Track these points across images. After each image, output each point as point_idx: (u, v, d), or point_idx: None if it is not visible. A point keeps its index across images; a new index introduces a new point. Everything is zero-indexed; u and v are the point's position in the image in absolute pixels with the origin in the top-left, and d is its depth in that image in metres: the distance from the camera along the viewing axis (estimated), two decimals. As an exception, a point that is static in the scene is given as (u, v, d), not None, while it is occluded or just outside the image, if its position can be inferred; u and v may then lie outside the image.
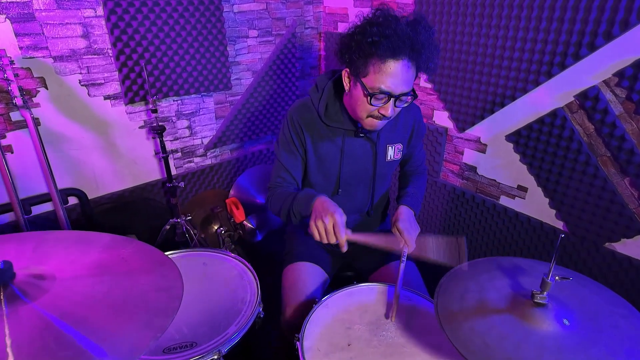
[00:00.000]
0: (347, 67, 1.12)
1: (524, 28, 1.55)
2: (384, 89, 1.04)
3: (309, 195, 1.17)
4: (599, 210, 1.55)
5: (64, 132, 1.78)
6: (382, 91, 1.04)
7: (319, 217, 1.06)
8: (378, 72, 1.03)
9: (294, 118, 1.25)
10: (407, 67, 1.03)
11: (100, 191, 1.97)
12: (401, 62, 1.01)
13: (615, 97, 1.41)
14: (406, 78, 1.04)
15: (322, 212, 1.07)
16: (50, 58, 1.64)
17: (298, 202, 1.19)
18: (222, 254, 1.35)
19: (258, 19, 2.20)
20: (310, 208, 1.13)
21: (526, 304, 0.79)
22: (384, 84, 1.03)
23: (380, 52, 1.00)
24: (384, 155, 1.32)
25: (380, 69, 1.03)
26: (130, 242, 0.90)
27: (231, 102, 2.27)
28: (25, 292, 0.65)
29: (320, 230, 1.05)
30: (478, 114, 1.83)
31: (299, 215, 1.19)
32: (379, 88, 1.04)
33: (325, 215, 1.05)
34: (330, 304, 1.11)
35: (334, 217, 1.05)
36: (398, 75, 1.02)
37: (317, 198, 1.13)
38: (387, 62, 1.01)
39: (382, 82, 1.03)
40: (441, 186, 2.12)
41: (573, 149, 1.55)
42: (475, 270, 0.93)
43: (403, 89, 1.05)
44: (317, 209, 1.10)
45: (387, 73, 1.02)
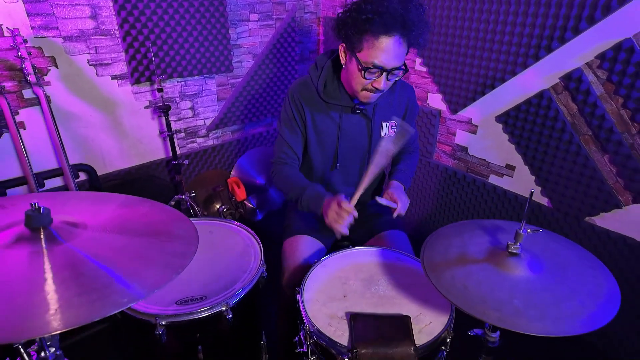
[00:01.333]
0: (343, 42, 1.20)
1: (514, 12, 1.63)
2: (377, 63, 1.12)
3: (318, 195, 1.28)
4: (580, 187, 1.65)
5: (73, 110, 1.85)
6: (375, 65, 1.13)
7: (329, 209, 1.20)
8: (371, 47, 1.11)
9: (294, 95, 1.34)
10: (398, 43, 1.11)
11: (107, 168, 2.05)
12: (393, 38, 1.10)
13: (597, 79, 1.50)
14: (398, 53, 1.12)
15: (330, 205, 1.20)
16: (60, 38, 1.71)
17: (307, 198, 1.30)
18: (227, 223, 1.45)
19: (259, 3, 2.26)
20: (319, 209, 1.26)
21: (502, 254, 0.89)
22: (377, 59, 1.12)
23: (373, 28, 1.09)
24: (379, 131, 1.41)
25: (374, 45, 1.11)
26: (146, 201, 0.99)
27: (232, 85, 2.34)
28: (61, 235, 0.74)
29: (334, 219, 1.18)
30: (470, 96, 1.92)
31: (307, 207, 1.31)
32: (373, 62, 1.12)
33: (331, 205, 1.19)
34: (328, 263, 1.21)
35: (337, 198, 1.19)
36: (390, 51, 1.11)
37: (325, 199, 1.25)
38: (380, 38, 1.10)
39: (376, 57, 1.11)
40: (434, 166, 2.22)
41: (557, 128, 1.64)
42: (460, 230, 1.02)
43: (395, 64, 1.14)
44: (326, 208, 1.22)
45: (380, 48, 1.10)
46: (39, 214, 0.72)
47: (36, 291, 0.63)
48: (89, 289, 0.66)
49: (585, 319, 0.75)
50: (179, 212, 0.97)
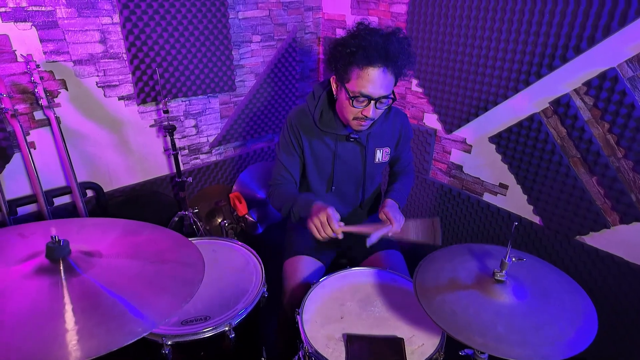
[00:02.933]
0: (334, 75, 1.29)
1: (505, 40, 1.71)
2: (364, 92, 1.19)
3: (308, 201, 1.33)
4: (570, 206, 1.71)
5: (81, 129, 1.92)
6: (362, 94, 1.19)
7: (315, 215, 1.23)
8: (358, 78, 1.18)
9: (292, 123, 1.42)
10: (383, 74, 1.18)
11: (113, 185, 2.12)
12: (378, 69, 1.17)
13: (584, 104, 1.57)
14: (384, 83, 1.19)
15: (318, 212, 1.24)
16: (71, 62, 1.79)
17: (298, 205, 1.35)
18: (230, 242, 1.51)
19: (261, 25, 2.34)
20: (309, 212, 1.29)
21: (488, 280, 0.95)
22: (363, 88, 1.18)
23: (357, 60, 1.16)
24: (372, 157, 1.47)
25: (360, 75, 1.18)
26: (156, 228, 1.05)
27: (235, 103, 2.41)
28: (79, 265, 0.81)
29: (317, 226, 1.22)
30: (464, 117, 1.99)
31: (298, 215, 1.36)
32: (360, 92, 1.19)
33: (319, 213, 1.22)
34: (326, 284, 1.27)
35: (327, 211, 1.22)
36: (375, 81, 1.17)
37: (314, 203, 1.30)
38: (365, 69, 1.17)
39: (362, 86, 1.18)
40: (430, 183, 2.28)
41: (548, 150, 1.71)
42: (450, 254, 1.09)
43: (381, 92, 1.20)
44: (314, 211, 1.27)
45: (365, 79, 1.17)
46: (59, 246, 0.79)
47: (57, 322, 0.69)
48: (106, 319, 0.72)
49: (565, 345, 0.81)
50: (183, 237, 1.04)
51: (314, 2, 2.52)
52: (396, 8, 2.13)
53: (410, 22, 2.06)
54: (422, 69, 2.09)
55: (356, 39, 1.18)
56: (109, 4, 1.80)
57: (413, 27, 2.06)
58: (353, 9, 2.36)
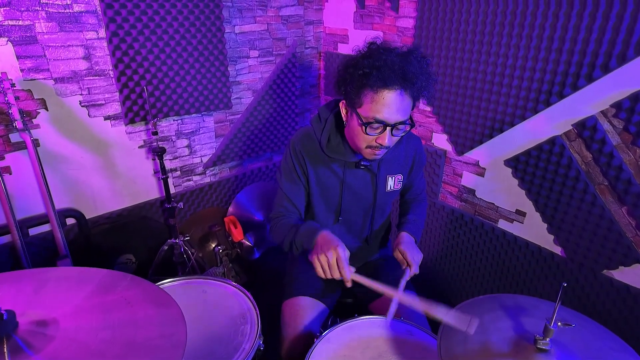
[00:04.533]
0: (344, 99, 1.14)
1: (523, 57, 1.58)
2: (378, 118, 1.04)
3: (312, 229, 1.17)
4: (596, 238, 1.56)
5: (63, 152, 1.77)
6: (377, 120, 1.05)
7: (322, 251, 1.06)
8: (371, 102, 1.04)
9: (296, 148, 1.26)
10: (400, 97, 1.03)
11: (98, 211, 1.96)
12: (394, 92, 1.02)
13: (613, 128, 1.43)
14: (401, 107, 1.04)
15: (325, 247, 1.07)
16: (52, 80, 1.64)
17: (300, 235, 1.19)
18: (223, 282, 1.35)
19: (259, 40, 2.21)
20: (312, 242, 1.13)
21: (529, 349, 0.79)
22: (378, 114, 1.04)
23: (371, 82, 1.02)
24: (384, 186, 1.33)
25: (374, 99, 1.04)
26: (132, 279, 0.89)
27: (231, 121, 2.27)
28: (29, 344, 0.65)
29: (323, 265, 1.06)
30: (477, 139, 1.84)
31: (301, 247, 1.20)
32: (374, 117, 1.05)
33: (328, 250, 1.06)
34: (331, 338, 1.10)
35: (337, 251, 1.05)
36: (392, 105, 1.03)
37: (319, 233, 1.14)
38: (380, 92, 1.03)
39: (377, 111, 1.04)
40: (440, 207, 2.13)
41: (571, 176, 1.56)
42: (478, 309, 0.93)
43: (398, 118, 1.05)
44: (320, 244, 1.10)
45: (380, 103, 1.03)
46: (1, 321, 0.63)
47: None
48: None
49: None
50: (164, 293, 0.88)
51: (315, 15, 2.40)
52: (402, 22, 2.00)
53: (418, 37, 1.93)
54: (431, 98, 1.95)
55: (369, 59, 1.04)
56: (94, 18, 1.66)
57: (421, 42, 1.92)
58: (356, 23, 2.23)
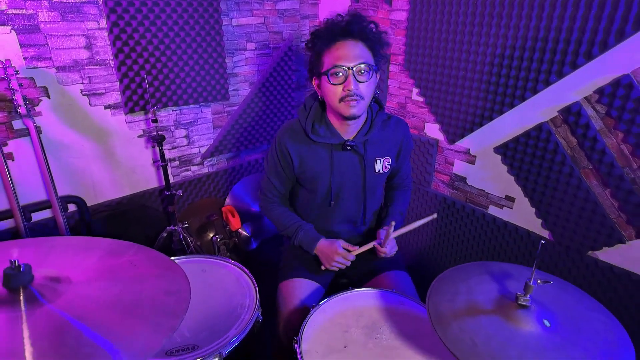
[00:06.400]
0: (314, 78, 1.27)
1: (511, 46, 1.64)
2: (337, 64, 1.16)
3: (310, 240, 1.39)
4: (582, 220, 1.62)
5: (64, 140, 1.81)
6: (335, 66, 1.16)
7: (330, 259, 1.34)
8: (329, 54, 1.18)
9: (281, 142, 1.34)
10: (354, 44, 1.17)
11: (98, 199, 2.00)
12: (347, 41, 1.17)
13: (596, 113, 1.49)
14: (357, 52, 1.16)
15: (330, 255, 1.34)
16: (54, 68, 1.68)
17: (300, 241, 1.41)
18: (221, 261, 1.39)
19: (256, 33, 2.26)
20: (312, 251, 1.39)
21: (511, 305, 0.85)
22: (337, 61, 1.16)
23: (325, 42, 1.18)
24: (372, 168, 1.38)
25: (330, 52, 1.18)
26: (137, 248, 0.94)
27: (228, 112, 2.32)
28: (43, 294, 0.69)
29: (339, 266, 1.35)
30: (467, 127, 1.90)
31: (300, 248, 1.43)
32: (333, 65, 1.16)
33: (333, 255, 1.33)
34: (327, 308, 1.15)
35: (339, 251, 1.33)
36: (347, 51, 1.16)
37: (317, 245, 1.38)
38: (334, 45, 1.17)
39: (335, 59, 1.16)
40: (432, 196, 2.19)
41: (557, 161, 1.63)
42: (465, 273, 0.98)
43: (356, 61, 1.15)
44: (324, 256, 1.36)
45: (336, 53, 1.17)
46: (18, 272, 0.67)
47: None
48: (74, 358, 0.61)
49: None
50: (169, 259, 0.92)
51: (310, 10, 2.46)
52: (396, 15, 2.06)
53: (411, 29, 1.99)
54: (422, 77, 2.02)
55: (318, 29, 1.21)
56: (95, 8, 1.70)
57: (414, 35, 1.99)
58: (351, 17, 2.28)
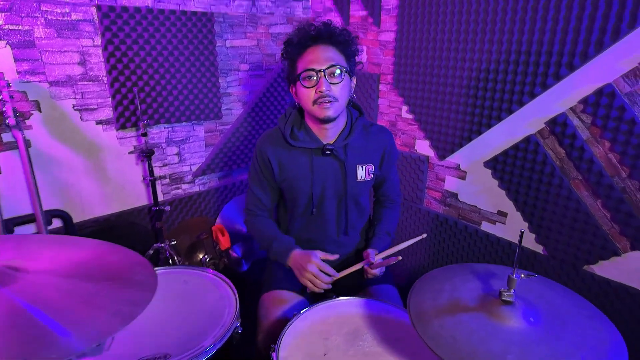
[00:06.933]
0: (291, 86, 1.29)
1: (495, 61, 1.67)
2: (308, 67, 1.19)
3: (283, 250, 1.33)
4: (574, 233, 1.59)
5: (54, 154, 1.81)
6: (307, 69, 1.19)
7: (303, 269, 1.25)
8: (302, 60, 1.21)
9: (261, 150, 1.35)
10: (324, 48, 1.20)
11: (86, 215, 1.97)
12: (317, 46, 1.20)
13: (582, 123, 1.49)
14: (328, 55, 1.19)
15: (303, 264, 1.25)
16: (47, 83, 1.71)
17: (274, 252, 1.35)
18: (202, 272, 1.35)
19: (249, 54, 2.32)
20: (286, 263, 1.31)
21: (494, 302, 0.81)
22: (308, 64, 1.19)
23: (297, 50, 1.21)
24: (354, 174, 1.35)
25: (303, 58, 1.21)
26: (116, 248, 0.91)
27: (221, 131, 2.34)
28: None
29: (312, 280, 1.24)
30: (457, 142, 1.91)
31: (275, 260, 1.37)
32: (305, 69, 1.19)
33: (306, 265, 1.24)
34: (308, 316, 1.11)
35: (313, 261, 1.24)
36: (318, 54, 1.19)
37: (290, 255, 1.31)
38: (306, 51, 1.21)
39: (307, 63, 1.20)
40: (425, 213, 2.16)
41: (547, 172, 1.61)
42: (450, 273, 0.95)
43: (327, 63, 1.18)
44: (297, 266, 1.28)
45: (307, 57, 1.20)
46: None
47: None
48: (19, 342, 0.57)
49: (592, 378, 0.66)
50: (141, 256, 0.89)
51: (303, 34, 2.53)
52: (384, 36, 2.12)
53: (399, 49, 2.04)
54: (411, 94, 2.05)
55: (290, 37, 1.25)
56: (90, 26, 1.76)
57: (401, 54, 2.03)
58: (341, 40, 2.35)
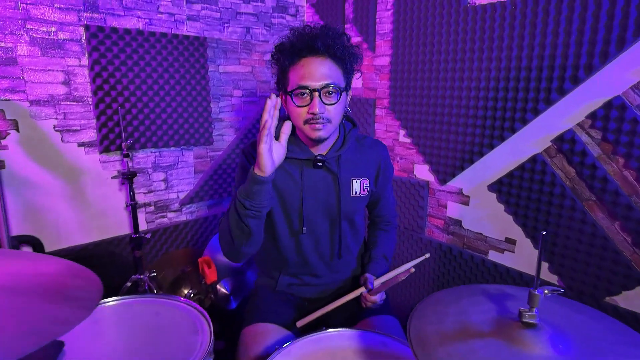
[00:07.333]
0: (281, 93, 1.14)
1: (495, 78, 1.60)
2: (302, 84, 1.04)
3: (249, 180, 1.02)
4: (592, 260, 1.44)
5: (29, 177, 1.70)
6: (300, 86, 1.04)
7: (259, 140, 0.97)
8: (294, 72, 1.06)
9: (247, 153, 1.20)
10: (320, 61, 1.05)
11: (62, 243, 1.83)
12: (312, 58, 1.05)
13: (591, 139, 1.40)
14: (323, 71, 1.05)
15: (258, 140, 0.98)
16: (27, 102, 1.64)
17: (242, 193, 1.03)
18: (175, 301, 1.19)
19: (243, 80, 2.28)
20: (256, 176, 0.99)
21: (514, 325, 0.66)
22: (301, 80, 1.04)
23: (290, 58, 1.06)
24: (348, 189, 1.23)
25: (295, 69, 1.06)
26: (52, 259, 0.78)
27: (212, 157, 2.24)
28: None
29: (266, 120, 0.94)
30: (458, 165, 1.80)
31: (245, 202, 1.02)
32: (297, 84, 1.05)
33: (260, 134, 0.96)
34: (292, 351, 0.94)
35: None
36: (312, 69, 1.04)
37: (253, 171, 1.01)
38: (299, 62, 1.06)
39: (299, 78, 1.05)
40: (427, 243, 2.01)
41: (557, 194, 1.49)
42: (457, 295, 0.80)
43: (322, 81, 1.04)
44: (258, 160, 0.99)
45: (300, 71, 1.05)
46: None
47: None
48: None
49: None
50: (91, 272, 0.76)
51: (298, 62, 2.51)
52: (379, 61, 2.08)
53: (394, 72, 1.99)
54: (408, 117, 1.97)
55: (282, 43, 1.10)
56: (77, 46, 1.71)
57: (397, 77, 1.98)
58: (337, 66, 2.32)
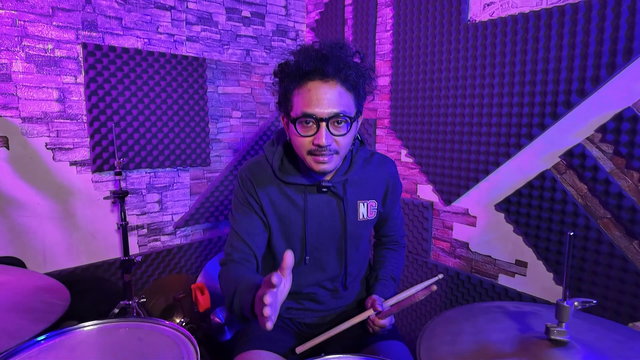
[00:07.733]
0: (283, 115, 1.04)
1: (498, 94, 1.57)
2: (307, 111, 0.93)
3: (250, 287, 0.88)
4: (611, 282, 1.34)
5: (17, 196, 1.64)
6: (306, 114, 0.93)
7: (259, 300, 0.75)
8: (298, 96, 0.95)
9: (244, 177, 1.10)
10: (329, 87, 0.93)
11: (47, 267, 1.74)
12: (320, 82, 0.93)
13: (603, 153, 1.34)
14: (332, 97, 0.93)
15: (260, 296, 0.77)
16: (19, 118, 1.60)
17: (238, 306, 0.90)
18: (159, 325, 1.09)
19: (242, 102, 2.26)
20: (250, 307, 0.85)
21: (541, 344, 0.57)
22: (306, 107, 0.93)
23: (295, 78, 0.94)
24: (355, 213, 1.13)
25: (300, 93, 0.94)
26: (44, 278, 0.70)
27: (209, 179, 2.18)
28: None
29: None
30: (463, 184, 1.74)
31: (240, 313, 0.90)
32: (302, 112, 0.93)
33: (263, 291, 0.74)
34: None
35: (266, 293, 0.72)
36: (319, 95, 0.92)
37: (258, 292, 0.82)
38: (304, 85, 0.94)
39: (304, 105, 0.93)
40: (432, 267, 1.91)
41: (569, 212, 1.42)
42: (471, 313, 0.71)
43: (331, 109, 0.92)
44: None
45: (306, 96, 0.93)
46: None
47: None
48: None
49: None
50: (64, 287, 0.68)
51: (298, 85, 2.50)
52: (379, 81, 2.06)
53: (395, 92, 1.97)
54: (410, 136, 1.92)
55: (287, 62, 0.98)
56: (74, 64, 1.70)
57: (397, 97, 1.95)
58: (337, 88, 2.31)
